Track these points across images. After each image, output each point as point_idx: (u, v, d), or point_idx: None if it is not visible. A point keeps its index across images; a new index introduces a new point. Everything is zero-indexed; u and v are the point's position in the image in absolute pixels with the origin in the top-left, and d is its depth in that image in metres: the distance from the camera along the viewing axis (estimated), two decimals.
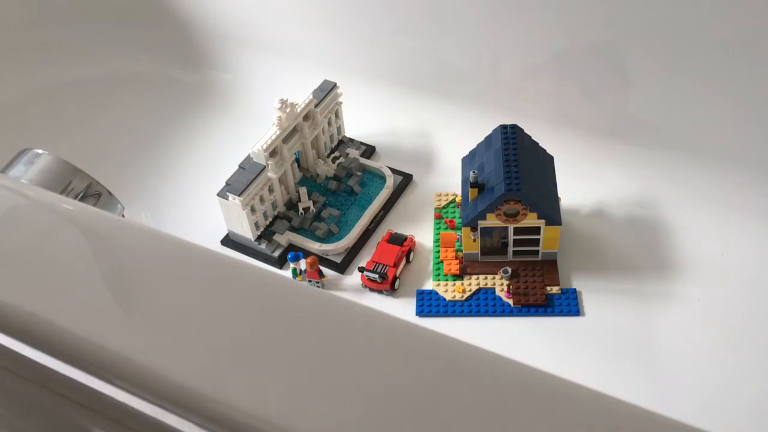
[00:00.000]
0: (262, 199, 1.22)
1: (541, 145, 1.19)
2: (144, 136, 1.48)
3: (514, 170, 1.09)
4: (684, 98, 1.23)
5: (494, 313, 1.13)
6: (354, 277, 1.20)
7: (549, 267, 1.17)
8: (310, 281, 1.18)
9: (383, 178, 1.33)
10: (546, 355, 1.08)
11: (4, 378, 0.54)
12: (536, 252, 1.17)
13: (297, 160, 1.32)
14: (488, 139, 1.18)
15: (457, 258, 1.19)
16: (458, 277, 1.17)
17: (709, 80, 1.20)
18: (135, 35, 1.60)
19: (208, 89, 1.57)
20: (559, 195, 1.16)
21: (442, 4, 1.32)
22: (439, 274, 1.18)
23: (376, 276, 1.15)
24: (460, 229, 1.19)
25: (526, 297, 1.13)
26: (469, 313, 1.13)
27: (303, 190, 1.29)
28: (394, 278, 1.16)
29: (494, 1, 1.27)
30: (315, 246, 1.22)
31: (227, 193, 1.17)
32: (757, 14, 1.10)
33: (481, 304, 1.14)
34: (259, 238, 1.24)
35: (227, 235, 1.27)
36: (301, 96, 1.27)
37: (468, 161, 1.20)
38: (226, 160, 1.27)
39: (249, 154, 1.20)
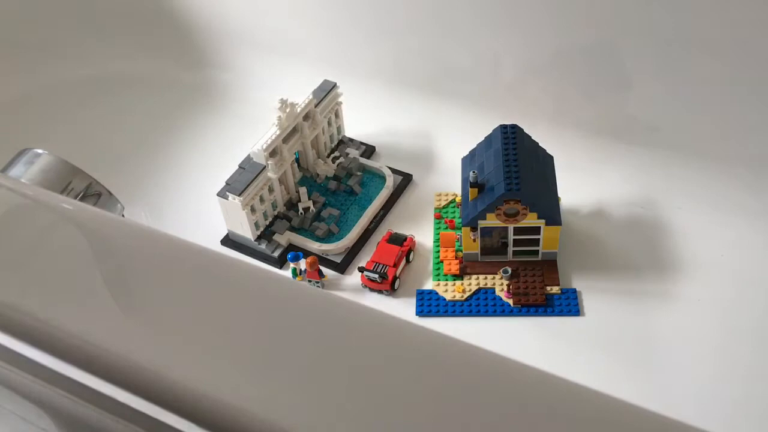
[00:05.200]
0: (262, 199, 1.22)
1: (541, 145, 1.19)
2: (144, 135, 1.48)
3: (514, 170, 1.09)
4: (684, 98, 1.23)
5: (494, 313, 1.13)
6: (354, 277, 1.20)
7: (549, 267, 1.17)
8: (310, 281, 1.18)
9: (383, 178, 1.33)
10: (546, 355, 1.08)
11: (4, 377, 0.54)
12: (536, 252, 1.17)
13: (297, 160, 1.32)
14: (488, 139, 1.18)
15: (457, 258, 1.19)
16: (458, 277, 1.17)
17: (709, 80, 1.20)
18: (135, 35, 1.61)
19: (208, 89, 1.57)
20: (559, 195, 1.16)
21: (442, 4, 1.32)
22: (439, 274, 1.18)
23: (376, 276, 1.15)
24: (460, 229, 1.19)
25: (526, 297, 1.13)
26: (469, 313, 1.13)
27: (303, 190, 1.29)
28: (394, 278, 1.16)
29: (494, 1, 1.27)
30: (315, 246, 1.22)
31: (227, 193, 1.17)
32: (756, 14, 1.10)
33: (481, 304, 1.14)
34: (259, 238, 1.24)
35: (227, 235, 1.27)
36: (301, 96, 1.27)
37: (468, 161, 1.20)
38: (226, 160, 1.27)
39: (249, 154, 1.20)
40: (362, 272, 1.17)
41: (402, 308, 1.15)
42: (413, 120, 1.44)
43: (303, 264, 1.17)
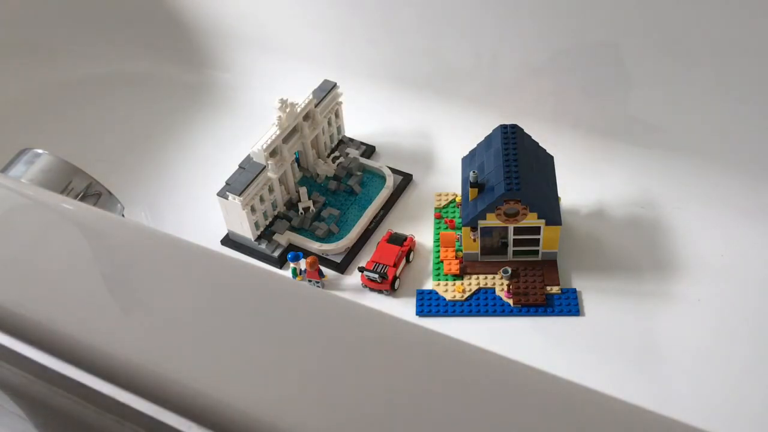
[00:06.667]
0: (262, 199, 1.22)
1: (541, 145, 1.19)
2: (144, 136, 1.48)
3: (514, 170, 1.09)
4: (684, 98, 1.23)
5: (494, 313, 1.13)
6: (354, 277, 1.20)
7: (549, 267, 1.17)
8: (310, 281, 1.18)
9: (383, 178, 1.33)
10: (546, 355, 1.08)
11: (3, 377, 0.54)
12: (536, 252, 1.17)
13: (297, 160, 1.32)
14: (488, 139, 1.18)
15: (457, 258, 1.19)
16: (458, 277, 1.17)
17: (709, 80, 1.20)
18: (134, 35, 1.61)
19: (208, 89, 1.57)
20: (559, 195, 1.16)
21: (442, 4, 1.32)
22: (439, 274, 1.18)
23: (376, 276, 1.15)
24: (460, 229, 1.19)
25: (526, 297, 1.13)
26: (469, 313, 1.13)
27: (303, 190, 1.29)
28: (394, 278, 1.16)
29: (494, 1, 1.27)
30: (315, 246, 1.22)
31: (227, 193, 1.17)
32: (757, 14, 1.10)
33: (481, 304, 1.14)
34: (259, 238, 1.24)
35: (227, 235, 1.27)
36: (301, 96, 1.27)
37: (468, 161, 1.20)
38: (226, 160, 1.27)
39: (249, 154, 1.20)
40: (362, 272, 1.17)
41: (402, 308, 1.15)
42: (413, 120, 1.44)
43: (303, 264, 1.17)
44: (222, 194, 1.18)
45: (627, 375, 1.05)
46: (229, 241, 1.27)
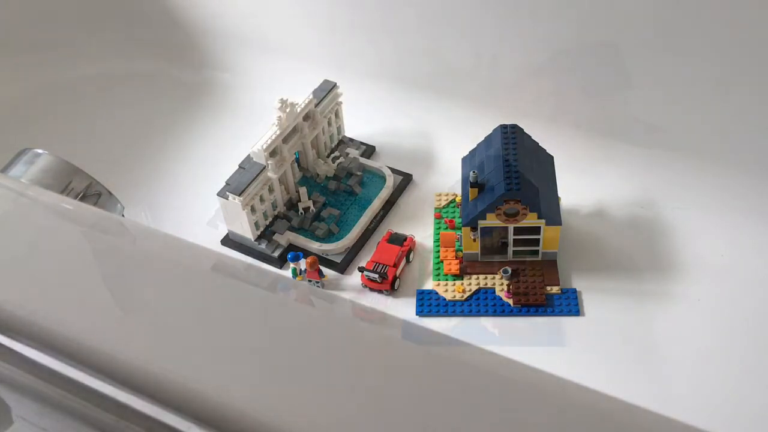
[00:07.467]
0: (262, 199, 1.22)
1: (541, 145, 1.19)
2: (144, 135, 1.48)
3: (514, 170, 1.09)
4: (684, 98, 1.23)
5: (494, 313, 1.13)
6: (354, 277, 1.20)
7: (549, 267, 1.17)
8: (310, 281, 1.18)
9: (383, 178, 1.33)
10: (546, 355, 1.08)
11: (4, 377, 0.54)
12: (536, 252, 1.17)
13: (297, 160, 1.32)
14: (488, 138, 1.18)
15: (457, 258, 1.19)
16: (458, 277, 1.17)
17: (709, 80, 1.20)
18: (135, 35, 1.61)
19: (208, 89, 1.57)
20: (559, 195, 1.16)
21: (442, 4, 1.32)
22: (439, 274, 1.18)
23: (376, 276, 1.15)
24: (460, 228, 1.19)
25: (526, 297, 1.13)
26: (469, 313, 1.13)
27: (303, 190, 1.29)
28: (394, 278, 1.16)
29: (494, 1, 1.27)
30: (315, 246, 1.22)
31: (227, 193, 1.17)
32: (757, 14, 1.10)
33: (481, 304, 1.14)
34: (259, 238, 1.24)
35: (227, 235, 1.27)
36: (301, 96, 1.27)
37: (468, 161, 1.20)
38: (226, 160, 1.27)
39: (249, 154, 1.20)
40: (362, 272, 1.17)
41: (402, 308, 1.15)
42: (413, 120, 1.44)
43: (303, 264, 1.17)
44: (222, 194, 1.18)
45: (627, 375, 1.05)
46: (229, 241, 1.27)
